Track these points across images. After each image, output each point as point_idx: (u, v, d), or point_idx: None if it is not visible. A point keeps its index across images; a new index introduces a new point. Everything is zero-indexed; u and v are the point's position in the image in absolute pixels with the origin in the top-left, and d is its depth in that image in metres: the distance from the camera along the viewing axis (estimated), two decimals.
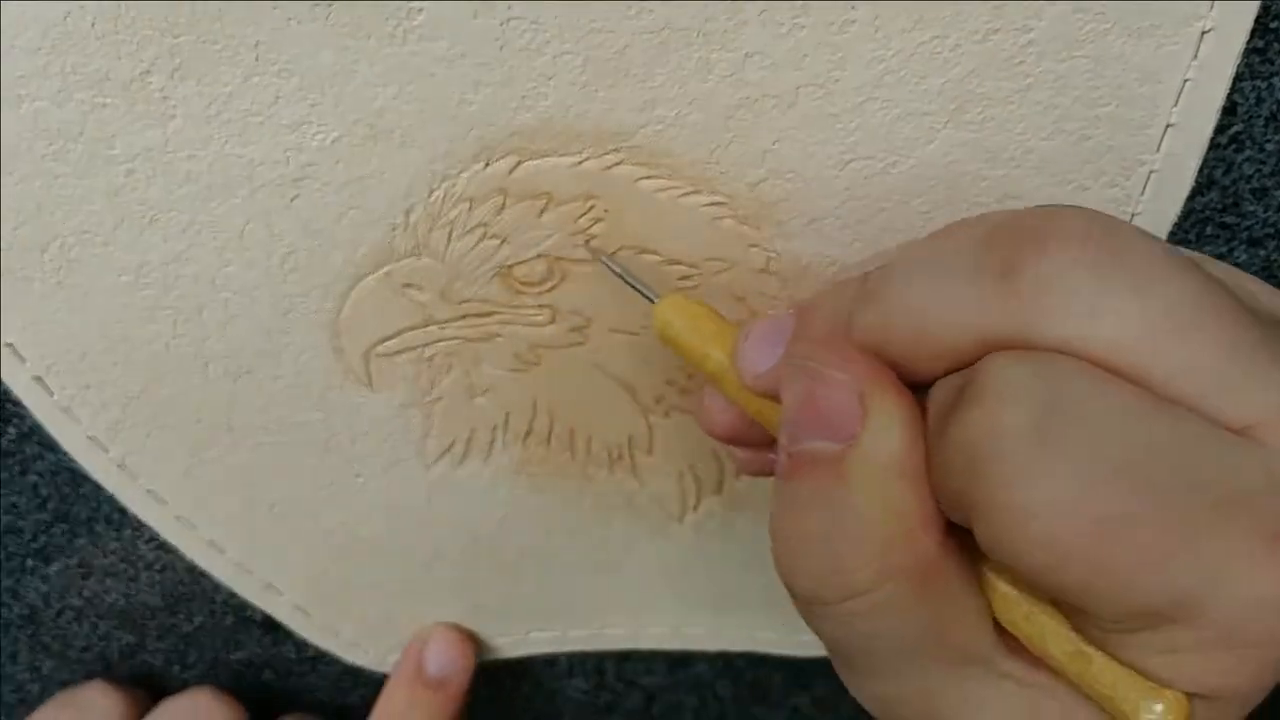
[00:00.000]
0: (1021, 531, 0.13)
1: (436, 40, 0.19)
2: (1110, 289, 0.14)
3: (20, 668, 0.31)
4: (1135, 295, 0.14)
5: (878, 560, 0.15)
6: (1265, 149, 0.21)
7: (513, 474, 0.26)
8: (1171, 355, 0.13)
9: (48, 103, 0.20)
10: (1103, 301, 0.14)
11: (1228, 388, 0.13)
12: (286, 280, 0.22)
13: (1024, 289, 0.14)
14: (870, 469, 0.15)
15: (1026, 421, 0.13)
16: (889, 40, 0.19)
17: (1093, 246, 0.14)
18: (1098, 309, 0.14)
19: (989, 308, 0.14)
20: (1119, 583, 0.13)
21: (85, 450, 0.25)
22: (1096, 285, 0.14)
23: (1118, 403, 0.13)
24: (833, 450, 0.15)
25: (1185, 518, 0.13)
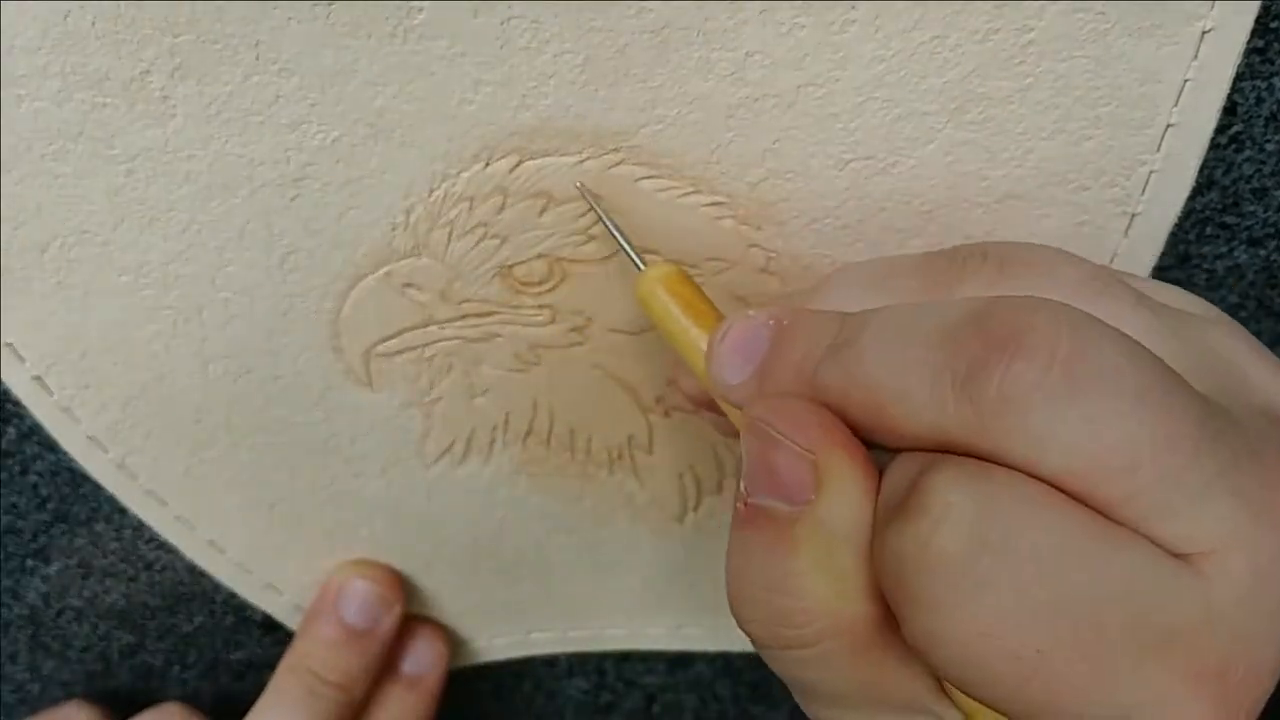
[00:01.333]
0: (941, 654, 0.14)
1: (437, 39, 0.19)
2: (1064, 420, 0.14)
3: (20, 668, 0.31)
4: (1089, 428, 0.13)
5: (819, 621, 0.15)
6: (1265, 149, 0.21)
7: (513, 474, 0.26)
8: (1120, 486, 0.13)
9: (48, 102, 0.20)
10: (1055, 433, 0.14)
11: (1172, 518, 0.13)
12: (286, 280, 0.22)
13: (982, 403, 0.14)
14: (818, 537, 0.15)
15: (957, 549, 0.13)
16: (889, 40, 0.19)
17: (1057, 369, 0.14)
18: (1050, 439, 0.14)
19: (946, 410, 0.14)
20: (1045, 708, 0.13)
21: (85, 450, 0.25)
22: (1051, 414, 0.14)
23: (1055, 537, 0.13)
24: (784, 511, 0.16)
25: (1112, 655, 0.13)
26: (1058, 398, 0.14)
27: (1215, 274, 0.23)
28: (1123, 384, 0.14)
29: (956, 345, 0.14)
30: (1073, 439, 0.14)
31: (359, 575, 0.27)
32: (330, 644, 0.27)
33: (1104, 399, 0.14)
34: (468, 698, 0.32)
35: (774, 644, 0.16)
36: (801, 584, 0.15)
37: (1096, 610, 0.13)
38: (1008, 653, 0.13)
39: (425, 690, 0.29)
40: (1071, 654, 0.13)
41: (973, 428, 0.14)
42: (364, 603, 0.27)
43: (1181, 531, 0.14)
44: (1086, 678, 0.13)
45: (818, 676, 0.16)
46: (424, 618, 0.29)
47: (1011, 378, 0.14)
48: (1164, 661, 0.13)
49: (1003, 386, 0.14)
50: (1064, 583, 0.13)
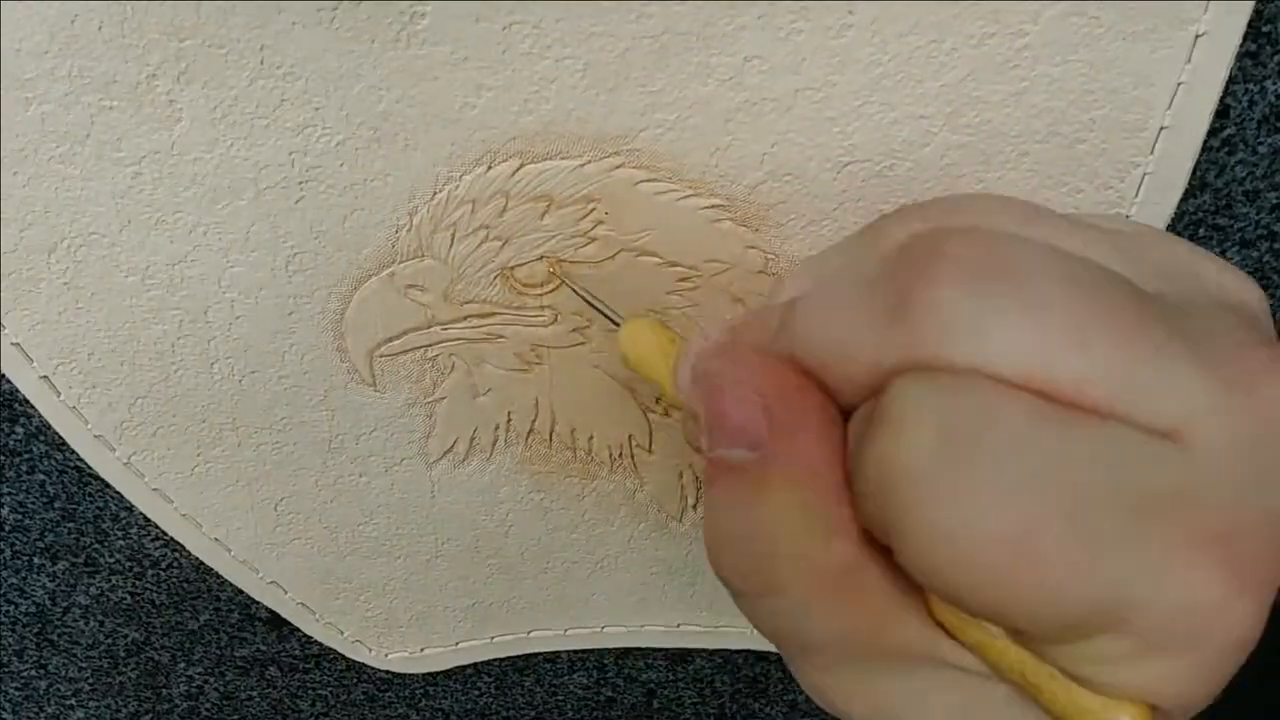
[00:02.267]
0: (934, 556, 0.14)
1: (439, 44, 0.19)
2: (997, 311, 0.13)
3: (27, 664, 0.32)
4: (1024, 313, 0.13)
5: (791, 565, 0.15)
6: (1258, 151, 0.21)
7: (515, 473, 0.26)
8: (1075, 367, 0.13)
9: (55, 105, 0.20)
10: (991, 326, 0.13)
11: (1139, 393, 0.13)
12: (291, 281, 0.22)
13: (914, 322, 0.14)
14: (780, 478, 0.15)
15: (930, 443, 0.13)
16: (886, 44, 0.19)
17: (975, 269, 0.14)
18: (987, 334, 0.13)
19: (885, 343, 0.14)
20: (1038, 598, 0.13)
21: (92, 449, 0.25)
22: (982, 309, 0.14)
23: (1023, 416, 0.13)
24: (745, 457, 0.16)
25: (1102, 527, 0.13)
26: (989, 297, 0.14)
27: None
28: (1051, 273, 0.14)
29: (881, 284, 0.15)
30: (1015, 331, 0.13)
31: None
32: None
33: (1037, 287, 0.14)
34: (469, 694, 0.32)
35: (750, 591, 0.16)
36: (771, 528, 0.15)
37: (1078, 484, 0.13)
38: (995, 537, 0.13)
39: None
40: (1059, 530, 0.13)
41: (913, 351, 0.14)
42: None
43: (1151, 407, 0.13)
44: (1077, 554, 0.13)
45: (798, 626, 0.16)
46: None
47: (937, 291, 0.14)
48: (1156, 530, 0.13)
49: (931, 303, 0.14)
50: (1040, 460, 0.13)
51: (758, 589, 0.16)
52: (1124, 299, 0.14)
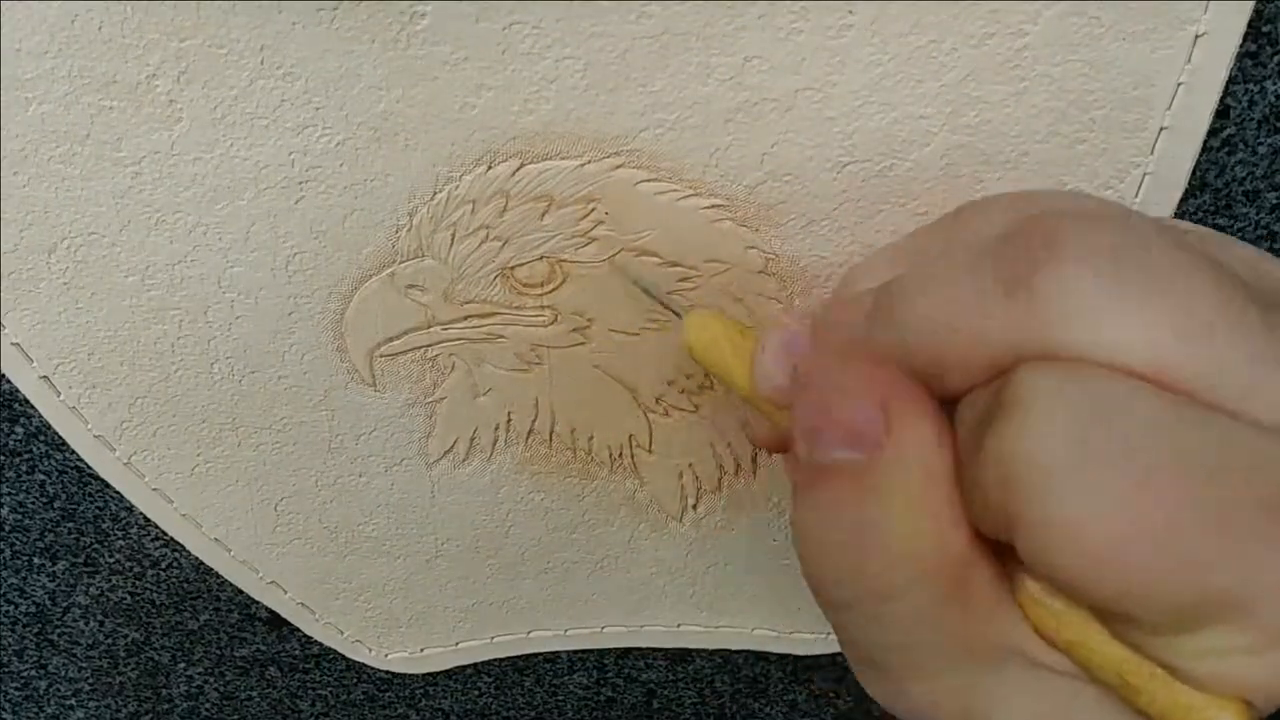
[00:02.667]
0: (1066, 545, 0.13)
1: (439, 44, 0.19)
2: (1125, 296, 0.13)
3: (27, 664, 0.32)
4: (1151, 300, 0.13)
5: (908, 565, 0.15)
6: (1257, 152, 0.21)
7: (515, 473, 0.26)
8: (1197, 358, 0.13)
9: (55, 105, 0.20)
10: (1119, 311, 0.13)
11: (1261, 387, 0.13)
12: (291, 281, 0.22)
13: (1038, 303, 0.14)
14: (898, 478, 0.15)
15: (1064, 433, 0.13)
16: (886, 44, 0.19)
17: (1105, 254, 0.14)
18: (1115, 319, 0.13)
19: (1006, 324, 0.14)
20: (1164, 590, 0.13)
21: (92, 449, 0.25)
22: (1111, 294, 0.13)
23: (1153, 408, 0.13)
24: (856, 459, 0.15)
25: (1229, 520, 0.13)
26: (1114, 275, 0.13)
27: None
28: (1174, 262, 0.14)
29: (996, 262, 0.14)
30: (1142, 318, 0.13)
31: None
32: None
33: (1160, 270, 0.13)
34: (469, 694, 0.32)
35: (859, 602, 0.16)
36: (883, 531, 0.15)
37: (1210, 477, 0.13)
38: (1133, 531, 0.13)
39: None
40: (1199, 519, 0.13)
41: (1036, 333, 0.14)
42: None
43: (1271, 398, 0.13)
44: (1209, 545, 0.13)
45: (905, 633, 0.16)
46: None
47: (1063, 270, 0.13)
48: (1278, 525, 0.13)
49: (1056, 282, 0.13)
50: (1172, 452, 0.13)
51: (867, 599, 0.16)
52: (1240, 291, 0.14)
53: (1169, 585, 0.13)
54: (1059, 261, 0.14)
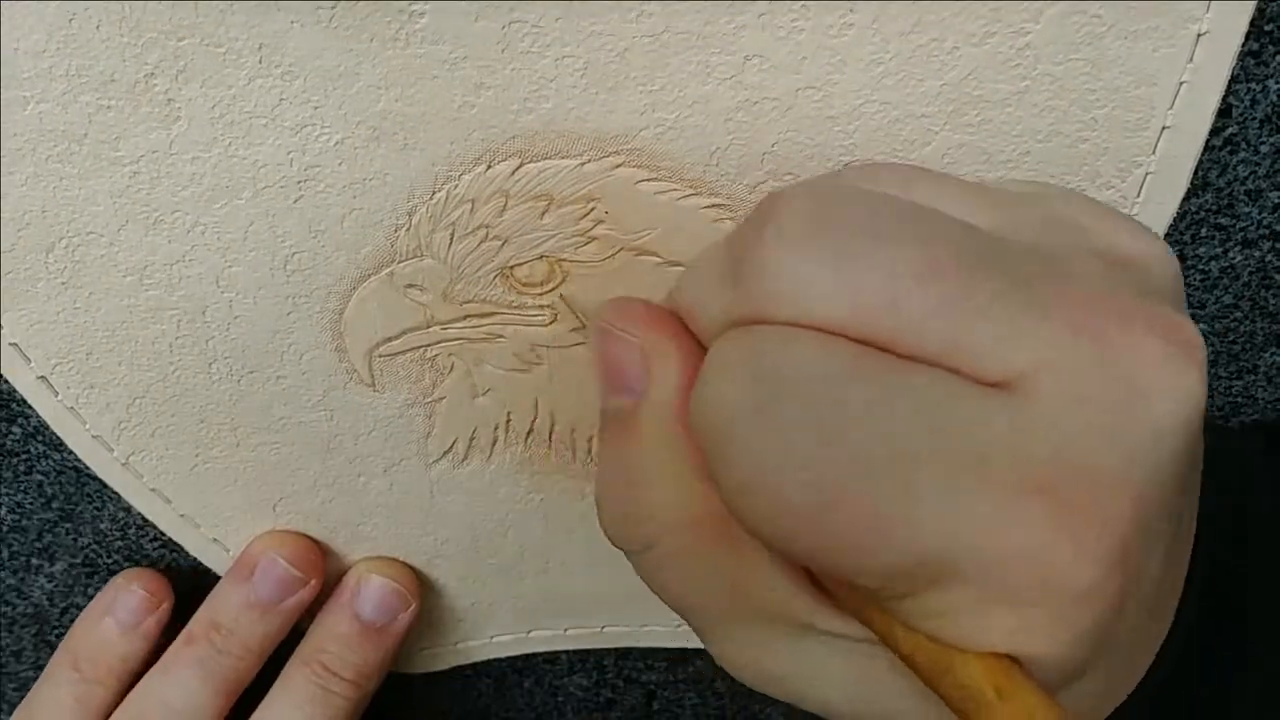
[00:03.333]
0: (746, 506, 0.13)
1: (439, 43, 0.19)
2: (816, 263, 0.13)
3: (25, 665, 0.32)
4: (843, 265, 0.13)
5: (662, 511, 0.15)
6: (1260, 151, 0.21)
7: (514, 473, 0.26)
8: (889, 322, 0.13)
9: (53, 105, 0.20)
10: (808, 284, 0.13)
11: (972, 344, 0.13)
12: (290, 281, 0.22)
13: (746, 280, 0.14)
14: (651, 419, 0.16)
15: (737, 394, 0.13)
16: (887, 43, 0.19)
17: (802, 224, 0.14)
18: (805, 291, 0.13)
19: (726, 303, 0.15)
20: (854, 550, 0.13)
21: (90, 449, 0.25)
22: (802, 263, 0.14)
23: (836, 365, 0.13)
24: (627, 404, 0.16)
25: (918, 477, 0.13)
26: (804, 250, 0.14)
27: (1210, 275, 0.23)
28: (868, 226, 0.14)
29: (729, 245, 0.15)
30: (825, 285, 0.13)
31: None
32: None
33: (848, 241, 0.14)
34: (469, 695, 0.32)
35: (627, 545, 0.16)
36: (642, 477, 0.16)
37: (888, 434, 0.13)
38: (804, 485, 0.13)
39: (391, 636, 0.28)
40: (870, 481, 0.13)
41: (746, 307, 0.14)
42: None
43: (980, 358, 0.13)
44: (891, 506, 0.13)
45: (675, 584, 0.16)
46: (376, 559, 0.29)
47: (761, 246, 0.14)
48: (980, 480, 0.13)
49: (755, 257, 0.14)
50: (848, 407, 0.13)
51: (636, 543, 0.16)
52: (961, 249, 0.13)
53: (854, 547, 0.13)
54: (762, 236, 0.14)
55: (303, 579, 0.27)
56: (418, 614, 0.28)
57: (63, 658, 0.27)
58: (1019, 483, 0.13)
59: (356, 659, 0.27)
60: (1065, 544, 0.13)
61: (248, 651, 0.26)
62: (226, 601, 0.27)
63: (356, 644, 0.27)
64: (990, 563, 0.13)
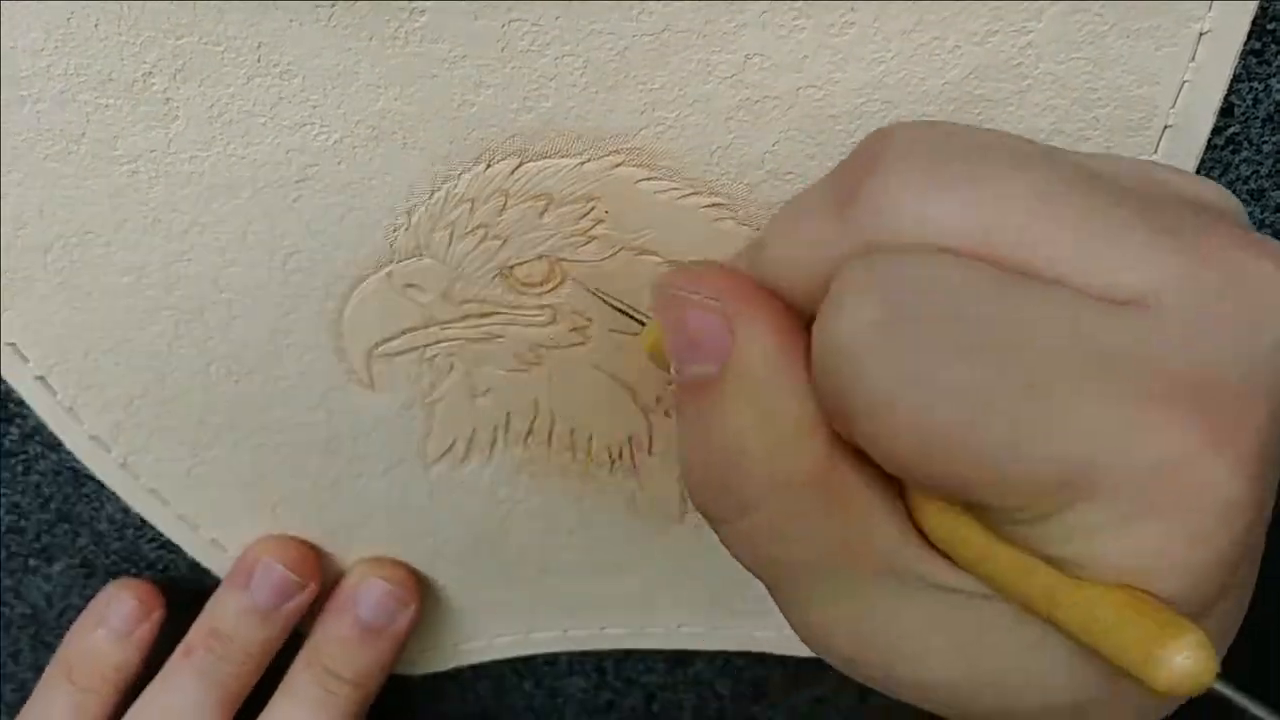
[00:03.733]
0: (885, 424, 0.13)
1: (438, 42, 0.19)
2: (941, 187, 0.13)
3: (23, 667, 0.31)
4: (970, 188, 0.13)
5: (762, 472, 0.15)
6: (1262, 150, 0.21)
7: (514, 473, 0.26)
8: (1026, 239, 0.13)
9: (51, 104, 0.20)
10: (935, 201, 0.13)
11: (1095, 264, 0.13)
12: (289, 281, 0.22)
13: (861, 211, 0.14)
14: (742, 387, 0.15)
15: (872, 313, 0.13)
16: (888, 42, 0.19)
17: (923, 153, 0.14)
18: (931, 209, 0.13)
19: (838, 238, 0.14)
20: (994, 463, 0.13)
21: (88, 450, 0.25)
22: (926, 187, 0.14)
23: (970, 281, 0.13)
24: (709, 372, 0.16)
25: (1057, 387, 0.13)
26: (931, 170, 0.14)
27: None
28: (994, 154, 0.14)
29: (834, 182, 0.15)
30: (954, 208, 0.13)
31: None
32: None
33: (984, 160, 0.14)
34: (468, 697, 0.32)
35: (723, 514, 0.16)
36: (737, 442, 0.15)
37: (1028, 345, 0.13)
38: (948, 397, 0.13)
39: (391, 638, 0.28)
40: (1008, 390, 0.13)
41: (863, 237, 0.14)
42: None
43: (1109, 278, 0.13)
44: (1036, 416, 0.13)
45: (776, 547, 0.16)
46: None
47: (880, 181, 0.14)
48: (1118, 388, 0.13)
49: (876, 187, 0.14)
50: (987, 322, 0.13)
51: (733, 511, 0.16)
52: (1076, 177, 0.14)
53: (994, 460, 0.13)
54: (876, 168, 0.14)
55: (300, 583, 0.27)
56: (418, 614, 0.28)
57: (57, 668, 0.27)
58: (1162, 393, 0.13)
59: (358, 661, 0.27)
60: (1210, 453, 0.13)
61: (248, 658, 0.27)
62: (225, 608, 0.27)
63: (357, 646, 0.27)
64: (1134, 472, 0.13)
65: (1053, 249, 0.13)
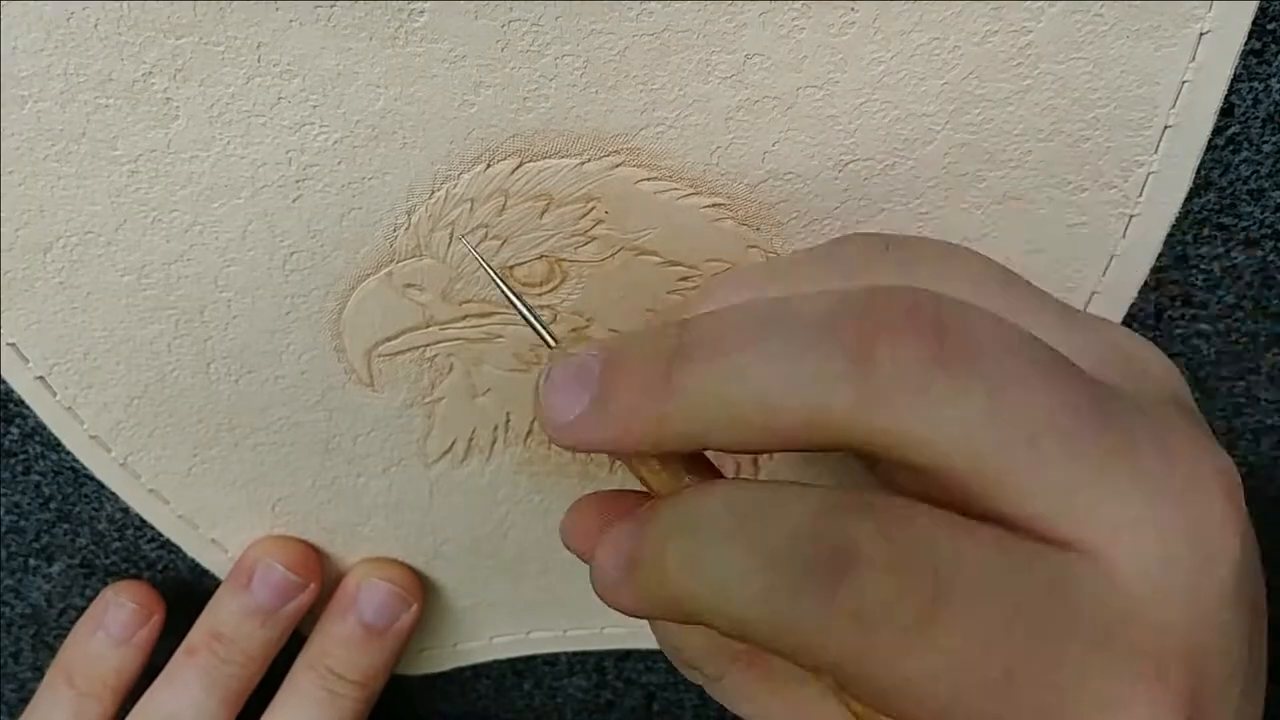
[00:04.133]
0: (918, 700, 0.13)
1: (438, 42, 0.19)
2: (962, 390, 0.13)
3: (23, 667, 0.31)
4: (987, 400, 0.13)
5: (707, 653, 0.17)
6: (1262, 150, 0.21)
7: (513, 473, 0.26)
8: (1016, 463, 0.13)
9: (51, 104, 0.20)
10: (954, 403, 0.13)
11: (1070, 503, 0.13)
12: (288, 280, 0.22)
13: (877, 377, 0.13)
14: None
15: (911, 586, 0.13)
16: (888, 42, 0.19)
17: (950, 341, 0.14)
18: (948, 410, 0.13)
19: (837, 390, 0.14)
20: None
21: (88, 450, 0.25)
22: (948, 385, 0.13)
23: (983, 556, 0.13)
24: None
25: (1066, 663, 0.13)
26: (955, 365, 0.13)
27: (1212, 275, 0.23)
28: (1017, 357, 0.14)
29: (841, 324, 0.14)
30: (972, 409, 0.13)
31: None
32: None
33: (1002, 369, 0.13)
34: (468, 697, 0.32)
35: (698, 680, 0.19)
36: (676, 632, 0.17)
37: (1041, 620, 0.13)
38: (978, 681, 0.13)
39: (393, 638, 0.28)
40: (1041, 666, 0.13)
41: (865, 406, 0.13)
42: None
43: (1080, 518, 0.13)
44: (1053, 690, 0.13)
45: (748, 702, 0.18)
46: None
47: (905, 354, 0.13)
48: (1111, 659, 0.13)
49: (897, 357, 0.13)
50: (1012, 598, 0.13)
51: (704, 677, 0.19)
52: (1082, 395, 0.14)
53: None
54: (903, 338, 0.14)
55: (301, 583, 0.27)
56: (420, 614, 0.28)
57: (57, 673, 0.27)
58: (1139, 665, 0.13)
59: (362, 662, 0.27)
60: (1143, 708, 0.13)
61: (250, 659, 0.27)
62: (226, 610, 0.27)
63: (360, 647, 0.27)
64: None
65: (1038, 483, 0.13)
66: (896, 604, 0.13)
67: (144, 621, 0.27)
